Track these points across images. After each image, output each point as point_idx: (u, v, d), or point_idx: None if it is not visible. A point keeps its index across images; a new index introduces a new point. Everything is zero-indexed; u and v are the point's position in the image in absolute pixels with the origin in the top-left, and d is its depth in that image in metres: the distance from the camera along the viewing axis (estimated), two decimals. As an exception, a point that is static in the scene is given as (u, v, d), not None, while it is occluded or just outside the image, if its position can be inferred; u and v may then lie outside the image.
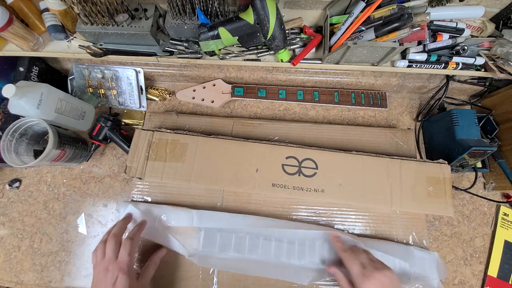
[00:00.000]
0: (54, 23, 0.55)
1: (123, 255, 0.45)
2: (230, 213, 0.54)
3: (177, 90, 0.68)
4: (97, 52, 0.56)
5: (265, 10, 0.46)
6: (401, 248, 0.52)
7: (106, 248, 0.46)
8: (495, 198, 0.62)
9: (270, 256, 0.52)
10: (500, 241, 0.59)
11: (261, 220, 0.53)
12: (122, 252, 0.45)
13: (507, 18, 0.54)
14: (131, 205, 0.54)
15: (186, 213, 0.54)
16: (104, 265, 0.44)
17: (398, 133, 0.61)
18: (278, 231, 0.53)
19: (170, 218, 0.53)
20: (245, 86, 0.65)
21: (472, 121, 0.57)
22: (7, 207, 0.62)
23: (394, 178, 0.54)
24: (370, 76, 0.65)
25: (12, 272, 0.58)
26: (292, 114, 0.68)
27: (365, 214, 0.55)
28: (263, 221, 0.53)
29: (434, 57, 0.56)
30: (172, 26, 0.53)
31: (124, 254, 0.45)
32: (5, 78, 0.60)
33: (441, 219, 0.61)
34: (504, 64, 0.52)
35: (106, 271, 0.43)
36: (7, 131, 0.52)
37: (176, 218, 0.53)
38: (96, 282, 0.44)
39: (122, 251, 0.45)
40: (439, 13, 0.52)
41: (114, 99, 0.66)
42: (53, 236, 0.60)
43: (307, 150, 0.56)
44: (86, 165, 0.64)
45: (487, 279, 0.57)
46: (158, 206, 0.55)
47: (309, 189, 0.53)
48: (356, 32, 0.52)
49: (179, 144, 0.56)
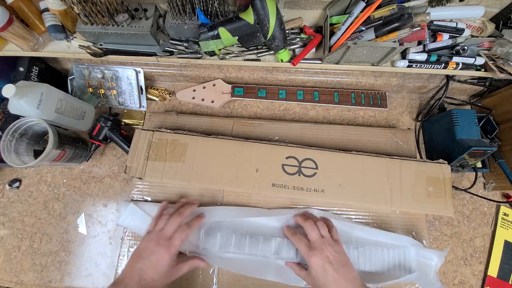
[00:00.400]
0: (54, 23, 0.55)
1: (177, 239, 0.45)
2: (230, 206, 0.55)
3: (177, 90, 0.68)
4: (97, 52, 0.56)
5: (265, 10, 0.46)
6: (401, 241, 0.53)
7: (167, 223, 0.47)
8: (495, 198, 0.62)
9: (270, 253, 0.51)
10: (500, 241, 0.59)
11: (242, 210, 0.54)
12: (177, 236, 0.46)
13: (507, 18, 0.54)
14: (132, 204, 0.54)
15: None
16: (158, 238, 0.45)
17: (398, 133, 0.61)
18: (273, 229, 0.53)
19: None
20: (245, 86, 0.65)
21: (472, 121, 0.57)
22: (7, 207, 0.62)
23: (394, 178, 0.54)
24: (370, 76, 0.65)
25: (12, 272, 0.58)
26: (292, 114, 0.68)
27: (365, 214, 0.55)
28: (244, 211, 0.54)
29: (434, 57, 0.56)
30: (172, 26, 0.53)
31: (177, 239, 0.45)
32: (5, 78, 0.60)
33: (441, 219, 0.61)
34: (504, 64, 0.52)
35: (157, 245, 0.44)
36: (7, 131, 0.52)
37: None
38: (143, 248, 0.45)
39: (178, 235, 0.46)
40: (439, 13, 0.52)
41: (114, 99, 0.66)
42: (53, 236, 0.60)
43: (307, 150, 0.56)
44: (86, 165, 0.64)
45: (487, 279, 0.57)
46: (159, 205, 0.54)
47: (309, 189, 0.53)
48: (356, 32, 0.52)
49: (179, 144, 0.56)
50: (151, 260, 0.43)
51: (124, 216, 0.54)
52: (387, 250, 0.51)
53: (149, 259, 0.43)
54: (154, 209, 0.54)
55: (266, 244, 0.51)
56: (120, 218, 0.54)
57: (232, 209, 0.55)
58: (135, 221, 0.53)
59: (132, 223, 0.53)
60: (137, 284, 0.41)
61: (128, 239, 0.55)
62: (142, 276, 0.42)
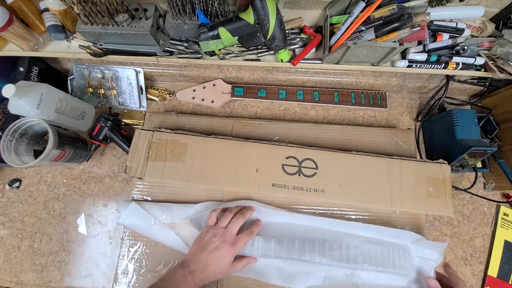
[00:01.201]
0: (54, 23, 0.55)
1: (242, 242, 0.48)
2: (233, 201, 0.55)
3: (177, 90, 0.68)
4: (97, 52, 0.56)
5: (265, 10, 0.46)
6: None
7: (231, 222, 0.49)
8: (495, 198, 0.62)
9: (270, 254, 0.51)
10: (500, 241, 0.59)
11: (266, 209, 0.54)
12: (242, 238, 0.48)
13: (507, 18, 0.54)
14: (134, 203, 0.54)
15: (188, 207, 0.54)
16: (223, 235, 0.47)
17: (398, 133, 0.61)
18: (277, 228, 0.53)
19: (173, 215, 0.53)
20: (245, 86, 0.65)
21: (472, 121, 0.57)
22: (7, 207, 0.62)
23: (394, 178, 0.54)
24: (370, 76, 0.65)
25: (12, 272, 0.58)
26: (292, 114, 0.68)
27: (365, 214, 0.55)
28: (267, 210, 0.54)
29: (434, 57, 0.56)
30: (172, 26, 0.53)
31: (242, 241, 0.48)
32: (5, 78, 0.60)
33: (441, 219, 0.61)
34: (504, 64, 0.52)
35: (223, 241, 0.46)
36: (7, 131, 0.52)
37: (180, 215, 0.53)
38: (208, 240, 0.47)
39: (243, 238, 0.48)
40: (439, 13, 0.52)
41: (114, 99, 0.66)
42: (53, 236, 0.60)
43: (307, 150, 0.56)
44: (86, 165, 0.64)
45: (487, 279, 0.57)
46: (160, 204, 0.55)
47: (309, 189, 0.53)
48: (356, 32, 0.52)
49: (179, 144, 0.56)
50: (216, 255, 0.45)
51: (125, 215, 0.53)
52: (387, 250, 0.51)
53: (213, 253, 0.45)
54: (155, 209, 0.54)
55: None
56: (121, 217, 0.53)
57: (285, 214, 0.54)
58: (137, 220, 0.53)
59: (134, 222, 0.53)
60: (201, 273, 0.44)
61: (128, 239, 0.55)
62: (206, 267, 0.44)
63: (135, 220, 0.53)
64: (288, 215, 0.54)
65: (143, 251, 0.54)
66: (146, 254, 0.53)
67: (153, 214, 0.53)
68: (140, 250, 0.54)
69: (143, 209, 0.54)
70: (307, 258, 0.50)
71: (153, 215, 0.53)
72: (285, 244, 0.51)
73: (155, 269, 0.52)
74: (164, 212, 0.53)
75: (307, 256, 0.50)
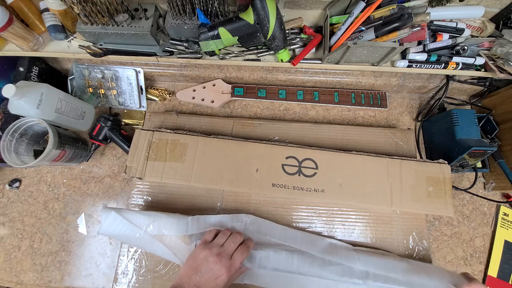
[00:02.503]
0: (54, 23, 0.55)
1: (238, 261, 0.45)
2: (226, 215, 0.52)
3: (177, 90, 0.68)
4: (97, 52, 0.56)
5: (265, 10, 0.46)
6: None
7: (229, 239, 0.46)
8: (495, 198, 0.62)
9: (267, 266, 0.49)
10: (500, 241, 0.59)
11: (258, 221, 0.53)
12: (237, 256, 0.45)
13: (507, 18, 0.54)
14: (114, 212, 0.50)
15: (179, 221, 0.50)
16: (219, 256, 0.44)
17: (398, 133, 0.61)
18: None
19: (160, 226, 0.50)
20: (245, 86, 0.65)
21: (472, 121, 0.57)
22: (7, 207, 0.62)
23: (394, 178, 0.54)
24: (370, 76, 0.65)
25: (12, 272, 0.58)
26: (292, 114, 0.68)
27: (365, 214, 0.55)
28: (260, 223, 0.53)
29: (434, 57, 0.56)
30: (172, 26, 0.53)
31: (238, 261, 0.45)
32: (5, 78, 0.60)
33: (441, 219, 0.61)
34: (504, 64, 0.52)
35: (218, 262, 0.43)
36: (7, 131, 0.52)
37: (168, 227, 0.50)
38: (202, 260, 0.44)
39: (238, 257, 0.45)
40: (439, 13, 0.52)
41: (114, 99, 0.66)
42: (53, 236, 0.60)
43: (307, 150, 0.56)
44: (86, 165, 0.64)
45: (487, 279, 0.57)
46: (146, 213, 0.51)
47: (309, 189, 0.53)
48: (356, 32, 0.52)
49: (179, 144, 0.56)
50: (210, 276, 0.42)
51: (106, 224, 0.50)
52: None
53: (208, 275, 0.42)
54: (137, 218, 0.50)
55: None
56: (102, 227, 0.50)
57: (279, 228, 0.53)
58: (118, 230, 0.50)
59: (115, 231, 0.50)
60: None
61: (128, 239, 0.55)
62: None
63: (116, 230, 0.50)
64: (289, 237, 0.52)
65: (143, 251, 0.54)
66: (146, 254, 0.53)
67: (138, 224, 0.50)
68: (140, 250, 0.54)
69: (126, 219, 0.50)
70: (306, 272, 0.48)
71: (138, 225, 0.50)
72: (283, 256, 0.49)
73: (155, 269, 0.52)
74: (151, 222, 0.50)
75: (305, 269, 0.48)
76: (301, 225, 0.55)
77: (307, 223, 0.55)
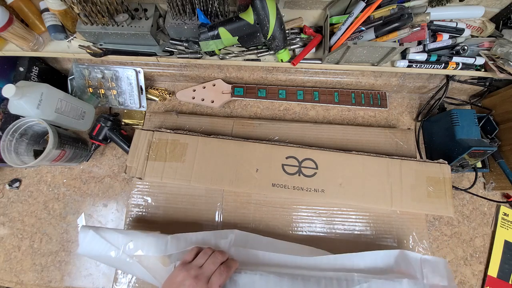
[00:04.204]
0: (54, 23, 0.55)
1: (215, 283, 0.42)
2: (210, 231, 0.49)
3: (177, 90, 0.68)
4: (97, 52, 0.56)
5: (265, 10, 0.46)
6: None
7: (209, 260, 0.43)
8: (495, 198, 0.62)
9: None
10: (500, 241, 0.59)
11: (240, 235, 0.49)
12: (216, 278, 0.42)
13: (507, 18, 0.54)
14: (92, 231, 0.48)
15: (158, 240, 0.47)
16: (196, 277, 0.41)
17: (398, 133, 0.61)
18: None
19: (138, 246, 0.47)
20: (245, 86, 0.65)
21: (472, 121, 0.57)
22: (7, 207, 0.62)
23: (394, 178, 0.54)
24: (370, 76, 0.65)
25: (12, 272, 0.58)
26: (292, 114, 0.68)
27: (365, 214, 0.55)
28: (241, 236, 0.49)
29: (434, 57, 0.56)
30: (172, 26, 0.53)
31: (216, 283, 0.42)
32: (5, 78, 0.60)
33: (441, 219, 0.61)
34: (504, 64, 0.52)
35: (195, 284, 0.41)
36: (7, 131, 0.52)
37: (146, 247, 0.47)
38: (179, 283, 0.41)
39: (217, 280, 0.42)
40: (439, 13, 0.52)
41: (114, 99, 0.66)
42: (53, 236, 0.60)
43: (307, 150, 0.56)
44: (86, 165, 0.64)
45: (487, 279, 0.57)
46: (125, 232, 0.49)
47: (309, 189, 0.53)
48: (356, 32, 0.52)
49: (179, 144, 0.56)
50: None
51: (84, 244, 0.47)
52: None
53: None
54: (115, 237, 0.47)
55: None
56: (80, 247, 0.47)
57: (267, 240, 0.50)
58: (96, 249, 0.47)
59: (93, 252, 0.47)
60: None
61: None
62: None
63: (94, 251, 0.47)
64: (278, 245, 0.49)
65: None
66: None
67: (116, 244, 0.47)
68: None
69: (104, 238, 0.47)
70: None
71: (115, 245, 0.47)
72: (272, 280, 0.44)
73: (155, 269, 0.52)
74: (129, 242, 0.47)
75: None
76: (301, 225, 0.55)
77: (307, 223, 0.55)
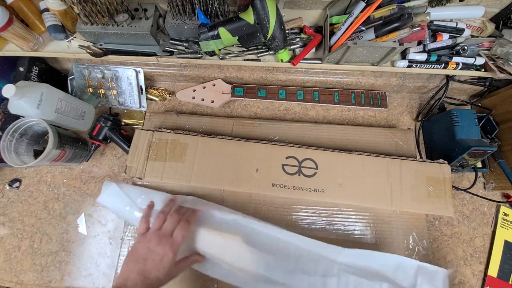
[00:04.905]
0: (54, 23, 0.55)
1: (178, 235, 0.44)
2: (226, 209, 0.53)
3: (177, 90, 0.68)
4: (97, 52, 0.56)
5: (265, 10, 0.46)
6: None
7: (166, 221, 0.46)
8: (495, 198, 0.62)
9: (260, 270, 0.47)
10: (500, 241, 0.59)
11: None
12: (178, 232, 0.45)
13: (507, 18, 0.54)
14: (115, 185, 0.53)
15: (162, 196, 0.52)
16: (158, 237, 0.44)
17: (398, 133, 0.61)
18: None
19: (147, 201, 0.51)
20: (245, 86, 0.65)
21: (472, 121, 0.57)
22: (7, 207, 0.62)
23: (394, 178, 0.54)
24: (370, 76, 0.65)
25: (12, 272, 0.58)
26: (292, 114, 0.68)
27: (365, 214, 0.55)
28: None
29: (434, 57, 0.56)
30: (172, 26, 0.53)
31: (179, 234, 0.44)
32: (5, 78, 0.60)
33: (441, 219, 0.61)
34: (504, 64, 0.52)
35: (158, 243, 0.43)
36: (7, 131, 0.52)
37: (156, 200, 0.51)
38: (141, 249, 0.43)
39: (178, 231, 0.45)
40: (439, 13, 0.52)
41: (114, 99, 0.66)
42: (53, 236, 0.60)
43: (307, 150, 0.56)
44: (86, 165, 0.64)
45: (487, 279, 0.57)
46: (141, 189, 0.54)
47: (309, 189, 0.53)
48: (356, 32, 0.52)
49: (179, 144, 0.56)
50: (154, 259, 0.42)
51: (105, 194, 0.52)
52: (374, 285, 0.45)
53: (151, 259, 0.42)
54: (137, 194, 0.52)
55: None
56: (101, 196, 0.53)
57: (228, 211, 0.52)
58: (115, 203, 0.52)
59: (112, 204, 0.52)
60: (142, 286, 0.40)
61: (128, 239, 0.55)
62: (147, 277, 0.40)
63: (113, 203, 0.52)
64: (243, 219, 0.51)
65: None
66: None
67: (131, 198, 0.52)
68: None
69: (125, 193, 0.52)
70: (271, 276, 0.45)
71: (131, 199, 0.52)
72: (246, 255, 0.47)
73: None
74: (140, 196, 0.52)
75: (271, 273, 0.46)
76: (301, 226, 0.55)
77: (307, 223, 0.55)
